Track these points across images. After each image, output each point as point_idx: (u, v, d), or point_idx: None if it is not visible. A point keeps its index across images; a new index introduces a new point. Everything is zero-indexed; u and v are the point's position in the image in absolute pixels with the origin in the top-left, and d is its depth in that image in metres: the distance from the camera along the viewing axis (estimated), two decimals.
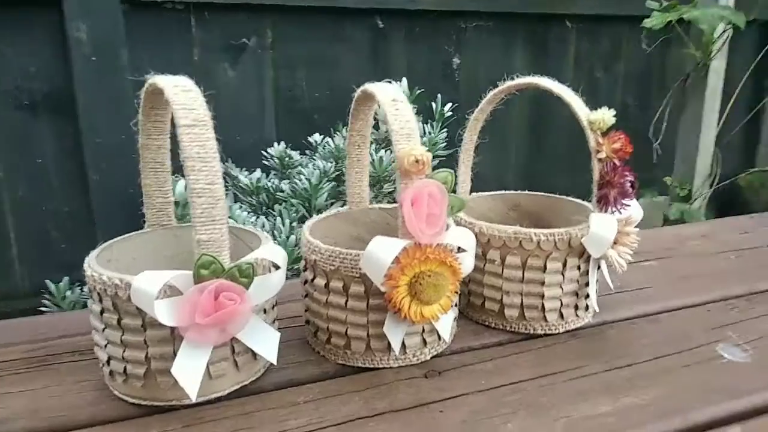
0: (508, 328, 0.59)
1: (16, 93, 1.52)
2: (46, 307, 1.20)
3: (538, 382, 0.50)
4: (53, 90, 1.54)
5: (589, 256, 0.56)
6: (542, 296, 0.56)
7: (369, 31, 1.82)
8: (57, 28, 1.49)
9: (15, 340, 0.58)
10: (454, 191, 0.50)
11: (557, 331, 0.58)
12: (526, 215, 0.68)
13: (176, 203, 0.86)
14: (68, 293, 1.24)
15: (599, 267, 0.58)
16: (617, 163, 0.54)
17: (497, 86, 0.62)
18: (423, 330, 0.53)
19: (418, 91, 1.26)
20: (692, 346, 0.56)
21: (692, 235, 0.88)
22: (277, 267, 0.48)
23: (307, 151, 1.36)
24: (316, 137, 1.35)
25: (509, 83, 0.60)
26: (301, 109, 1.78)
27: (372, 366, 0.52)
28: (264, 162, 1.30)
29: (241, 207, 1.07)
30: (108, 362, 0.48)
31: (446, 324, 0.53)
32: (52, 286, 1.26)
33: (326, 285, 0.52)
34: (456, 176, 0.63)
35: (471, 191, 0.67)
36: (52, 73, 1.53)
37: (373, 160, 1.11)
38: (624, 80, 2.18)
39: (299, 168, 1.20)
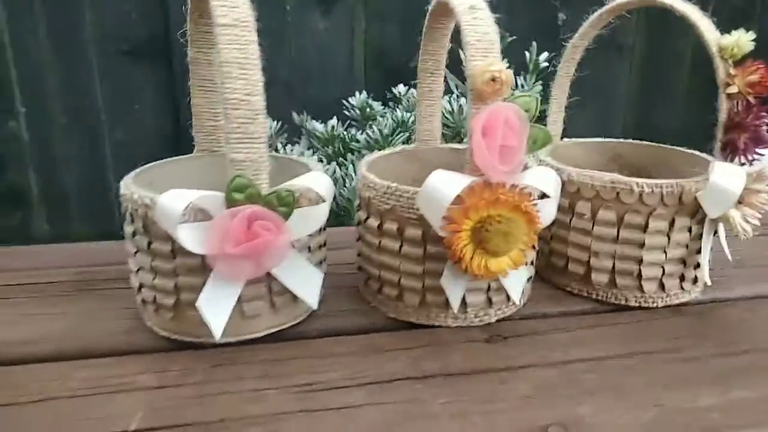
0: (594, 296, 0.50)
1: (117, 39, 1.56)
2: None
3: (625, 361, 0.41)
4: (153, 37, 1.57)
5: (704, 217, 0.46)
6: (640, 261, 0.47)
7: None
8: None
9: (67, 263, 0.56)
10: (538, 122, 0.41)
11: (655, 305, 0.48)
12: (629, 168, 0.58)
13: None
14: None
15: (716, 232, 0.48)
16: (752, 100, 0.43)
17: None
18: (489, 287, 0.45)
19: (510, 39, 1.15)
20: None
21: None
22: (322, 199, 0.42)
23: (391, 103, 1.30)
24: (401, 88, 1.28)
25: (618, 1, 0.49)
26: (391, 63, 1.71)
27: (427, 323, 0.46)
28: (345, 112, 1.25)
29: (314, 154, 1.03)
30: (140, 289, 0.44)
31: (517, 283, 0.45)
32: None
33: (379, 226, 0.45)
34: (544, 111, 0.54)
35: (563, 136, 0.58)
36: (151, 20, 1.56)
37: (452, 110, 1.03)
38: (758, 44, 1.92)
39: (378, 119, 1.14)
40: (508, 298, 0.46)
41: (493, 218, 0.40)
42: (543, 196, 0.44)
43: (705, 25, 0.44)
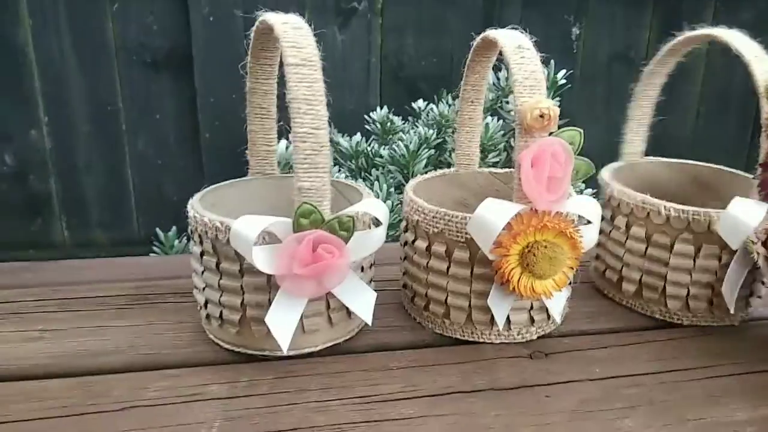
0: (624, 303, 0.53)
1: (140, 50, 1.60)
2: (155, 253, 1.26)
3: (660, 378, 0.44)
4: (174, 48, 1.61)
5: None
6: (664, 278, 0.50)
7: None
8: None
9: (124, 277, 0.59)
10: (581, 153, 0.44)
11: (680, 322, 0.51)
12: (706, 190, 0.60)
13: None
14: (176, 242, 1.30)
15: (757, 264, 0.49)
16: None
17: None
18: (531, 306, 0.48)
19: None
20: None
21: None
22: (378, 223, 0.45)
23: (410, 118, 1.33)
24: (420, 103, 1.31)
25: (688, 35, 0.53)
26: (407, 75, 1.74)
27: (471, 339, 0.49)
28: (366, 127, 1.28)
29: (339, 170, 1.06)
30: (205, 305, 0.47)
31: (558, 303, 0.48)
32: (161, 234, 1.33)
33: (428, 248, 0.48)
34: (623, 135, 0.59)
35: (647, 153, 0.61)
36: (173, 32, 1.60)
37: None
38: None
39: (400, 134, 1.17)
40: (548, 316, 0.49)
41: (539, 243, 0.43)
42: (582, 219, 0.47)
43: (759, 67, 0.46)
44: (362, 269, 0.48)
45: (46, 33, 1.51)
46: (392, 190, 1.05)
